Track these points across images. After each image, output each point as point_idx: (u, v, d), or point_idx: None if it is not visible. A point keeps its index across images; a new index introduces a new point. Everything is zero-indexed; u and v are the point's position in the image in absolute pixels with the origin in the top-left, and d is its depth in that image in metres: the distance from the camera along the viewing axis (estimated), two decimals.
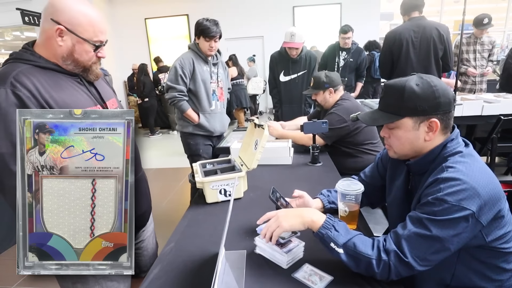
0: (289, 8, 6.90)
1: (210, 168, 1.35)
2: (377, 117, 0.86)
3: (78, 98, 0.92)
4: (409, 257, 0.71)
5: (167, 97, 2.04)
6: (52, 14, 0.84)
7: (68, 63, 0.89)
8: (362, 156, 1.81)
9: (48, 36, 0.86)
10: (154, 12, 7.14)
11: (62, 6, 0.84)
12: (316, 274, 0.79)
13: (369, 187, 1.07)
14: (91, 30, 0.87)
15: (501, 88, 3.65)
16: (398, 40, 2.39)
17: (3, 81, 0.80)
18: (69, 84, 0.91)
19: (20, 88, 0.80)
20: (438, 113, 0.79)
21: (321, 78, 1.87)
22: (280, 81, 2.67)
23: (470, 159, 0.77)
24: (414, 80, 0.79)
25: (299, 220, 0.80)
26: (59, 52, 0.87)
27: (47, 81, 0.85)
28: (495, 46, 3.51)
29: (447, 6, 7.50)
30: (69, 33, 0.85)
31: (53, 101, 0.86)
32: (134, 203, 0.96)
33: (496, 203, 0.72)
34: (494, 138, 2.43)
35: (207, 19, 1.95)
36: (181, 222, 1.12)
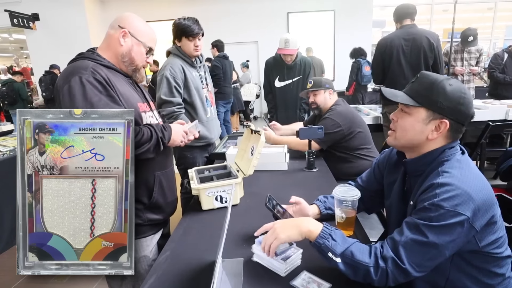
0: (283, 14, 6.98)
1: (206, 175, 1.34)
2: (398, 95, 0.86)
3: (133, 94, 1.10)
4: (406, 264, 0.71)
5: (164, 113, 1.77)
6: (119, 22, 1.08)
7: (125, 60, 1.08)
8: (357, 161, 1.83)
9: (113, 38, 1.07)
10: (148, 17, 7.12)
11: (128, 18, 1.10)
12: (314, 282, 0.78)
13: (366, 192, 1.08)
14: (146, 37, 1.11)
15: (490, 95, 3.78)
16: (389, 47, 2.44)
17: (85, 69, 0.97)
18: (125, 82, 1.10)
19: (99, 76, 0.97)
20: (452, 118, 0.80)
21: (321, 80, 1.93)
22: (275, 87, 2.69)
23: (465, 165, 0.78)
24: (451, 81, 0.81)
25: (296, 230, 0.80)
26: (120, 51, 1.07)
27: (111, 76, 1.02)
28: (482, 54, 3.62)
29: (437, 15, 7.71)
30: (130, 36, 1.08)
31: (119, 92, 1.02)
32: (170, 190, 1.14)
33: (489, 208, 0.74)
34: (483, 143, 2.50)
35: (184, 18, 1.80)
36: (177, 230, 1.11)
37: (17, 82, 6.00)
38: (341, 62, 6.74)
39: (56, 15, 6.61)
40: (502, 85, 3.58)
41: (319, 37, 6.87)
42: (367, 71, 4.67)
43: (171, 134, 1.11)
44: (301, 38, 2.71)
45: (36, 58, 6.97)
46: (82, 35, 6.57)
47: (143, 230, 1.11)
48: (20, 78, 6.17)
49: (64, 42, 6.54)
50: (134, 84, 1.15)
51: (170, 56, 1.88)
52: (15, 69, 7.62)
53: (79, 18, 6.63)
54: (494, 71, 3.59)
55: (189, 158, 1.94)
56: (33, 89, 7.76)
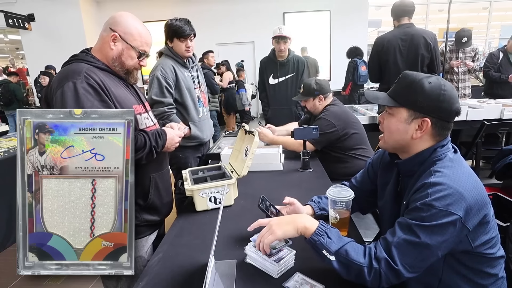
0: (279, 14, 6.98)
1: (200, 176, 1.33)
2: (379, 97, 0.87)
3: (128, 96, 1.08)
4: (399, 265, 0.71)
5: (155, 113, 1.81)
6: (111, 24, 1.04)
7: (116, 65, 1.06)
8: (352, 161, 1.82)
9: (104, 41, 1.04)
10: (143, 17, 7.09)
11: (121, 19, 1.05)
12: (307, 283, 0.78)
13: (360, 192, 1.07)
14: (138, 40, 1.06)
15: (485, 94, 3.80)
16: (386, 47, 2.45)
17: (78, 74, 0.95)
18: (120, 83, 1.08)
19: (92, 80, 0.96)
20: (433, 116, 0.79)
21: (311, 85, 1.87)
22: (269, 84, 2.71)
23: (457, 164, 0.78)
24: (431, 78, 0.80)
25: (291, 226, 0.80)
26: (110, 55, 1.04)
27: (105, 79, 1.01)
28: (477, 53, 3.64)
29: (432, 15, 7.76)
30: (121, 40, 1.04)
31: (113, 95, 1.00)
32: (166, 191, 1.13)
33: (482, 208, 0.73)
34: (479, 142, 2.51)
35: (176, 19, 1.80)
36: (170, 231, 1.10)
37: (12, 83, 5.95)
38: (337, 61, 6.75)
39: (52, 15, 6.58)
40: (497, 84, 3.60)
41: (315, 37, 6.88)
42: (363, 70, 4.68)
43: (165, 142, 1.11)
44: (297, 38, 2.72)
45: (32, 59, 6.93)
46: (77, 36, 6.54)
47: (139, 231, 1.10)
48: (16, 78, 6.13)
49: (59, 43, 6.51)
50: (128, 86, 1.14)
51: (162, 57, 1.89)
52: (11, 70, 7.56)
53: (75, 19, 6.60)
54: (489, 70, 3.61)
55: (181, 158, 1.95)
56: (28, 89, 7.71)
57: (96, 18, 7.06)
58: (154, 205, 1.14)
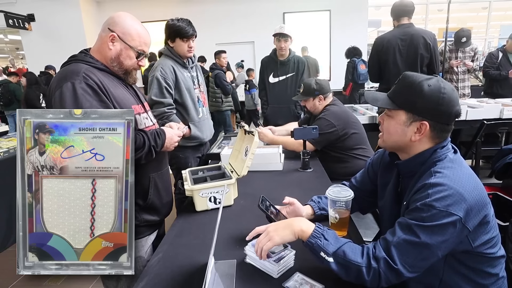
0: (279, 14, 6.98)
1: (200, 176, 1.33)
2: (379, 98, 0.87)
3: (127, 96, 1.08)
4: (399, 264, 0.71)
5: (155, 114, 1.74)
6: (110, 24, 1.04)
7: (114, 65, 1.06)
8: (352, 161, 1.82)
9: (102, 41, 1.05)
10: (143, 17, 7.10)
11: (119, 20, 1.05)
12: (307, 283, 0.78)
13: (360, 192, 1.07)
14: (137, 40, 1.06)
15: (485, 94, 3.80)
16: (385, 47, 2.45)
17: (76, 74, 0.95)
18: (119, 84, 1.08)
19: (91, 81, 0.96)
20: (432, 119, 0.79)
21: (311, 85, 1.87)
22: (269, 82, 2.72)
23: (457, 165, 0.78)
24: (431, 81, 0.79)
25: (288, 230, 0.80)
26: (109, 55, 1.04)
27: (104, 79, 1.01)
28: (477, 53, 3.64)
29: (432, 15, 7.75)
30: (119, 40, 1.04)
31: (112, 95, 1.00)
32: (165, 191, 1.14)
33: (482, 208, 0.73)
34: (478, 142, 2.51)
35: (178, 19, 1.80)
36: (170, 231, 1.10)
37: (12, 83, 5.94)
38: (337, 61, 6.74)
39: (52, 15, 6.57)
40: (497, 83, 3.60)
41: (315, 37, 6.87)
42: (362, 69, 4.68)
43: (164, 142, 1.11)
44: (297, 38, 2.72)
45: (32, 59, 6.93)
46: (77, 36, 6.54)
47: (139, 231, 1.10)
48: (16, 79, 6.12)
49: (59, 43, 6.51)
50: (127, 86, 1.14)
51: (161, 57, 1.89)
52: (11, 70, 7.55)
53: (75, 19, 6.59)
54: (488, 70, 3.61)
55: (181, 158, 1.95)
56: None
57: (96, 18, 7.05)
58: (154, 205, 1.14)
